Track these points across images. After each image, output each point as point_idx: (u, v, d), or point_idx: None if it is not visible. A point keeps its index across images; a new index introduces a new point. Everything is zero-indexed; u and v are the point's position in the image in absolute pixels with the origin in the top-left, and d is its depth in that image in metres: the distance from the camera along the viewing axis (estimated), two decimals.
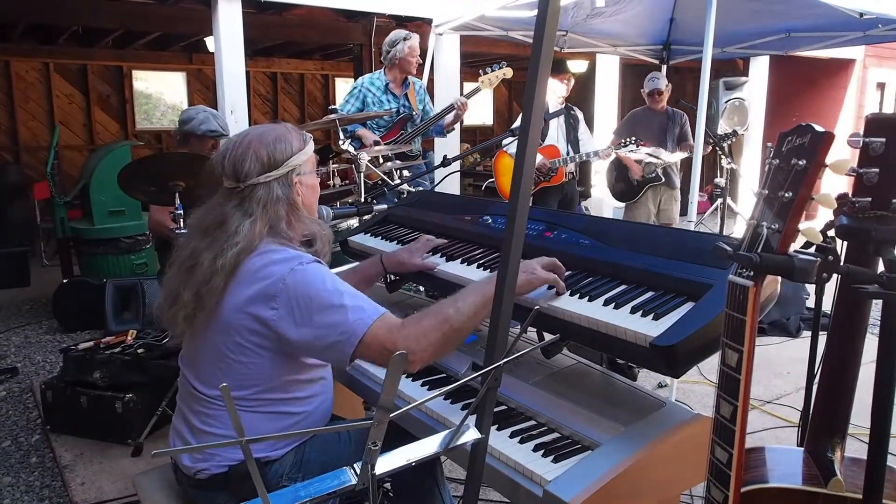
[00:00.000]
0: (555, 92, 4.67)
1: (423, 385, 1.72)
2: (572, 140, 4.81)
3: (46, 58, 8.51)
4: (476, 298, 1.48)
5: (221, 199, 1.54)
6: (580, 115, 4.90)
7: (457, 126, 4.61)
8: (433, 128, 4.45)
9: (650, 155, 4.88)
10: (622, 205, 5.49)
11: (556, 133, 4.75)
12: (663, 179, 5.16)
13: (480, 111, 12.55)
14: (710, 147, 5.36)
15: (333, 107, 4.01)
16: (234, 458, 1.51)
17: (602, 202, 7.19)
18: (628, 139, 4.64)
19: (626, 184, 5.25)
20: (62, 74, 8.72)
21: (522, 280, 1.50)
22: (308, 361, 1.55)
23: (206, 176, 1.58)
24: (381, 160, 3.76)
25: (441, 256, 1.99)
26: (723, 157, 5.72)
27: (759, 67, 8.27)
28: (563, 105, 4.77)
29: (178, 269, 1.52)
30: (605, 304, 1.48)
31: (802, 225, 0.91)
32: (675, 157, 5.09)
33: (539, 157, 4.62)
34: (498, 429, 1.46)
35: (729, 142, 5.53)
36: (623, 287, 1.54)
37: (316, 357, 1.53)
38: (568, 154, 4.72)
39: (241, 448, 0.84)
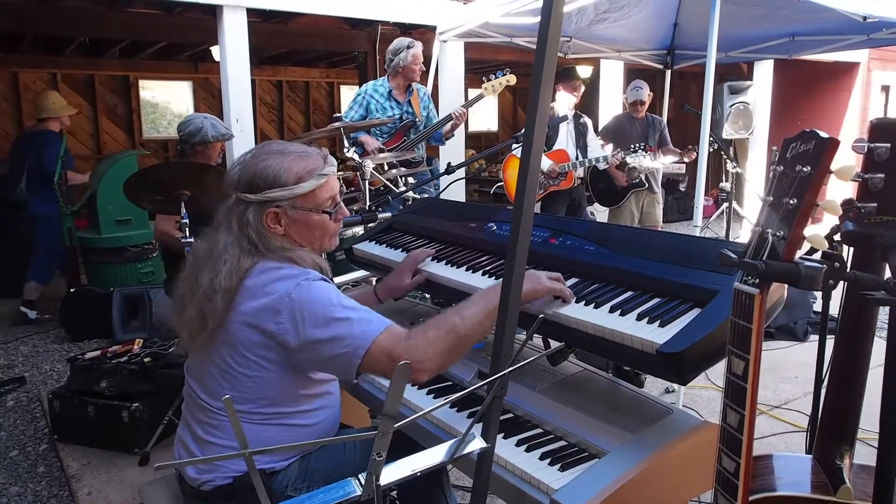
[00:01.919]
0: (566, 102, 4.72)
1: (428, 393, 1.72)
2: (581, 146, 4.85)
3: (54, 68, 8.57)
4: (481, 307, 1.47)
5: (226, 203, 1.55)
6: (589, 122, 4.96)
7: (456, 133, 4.64)
8: (433, 135, 4.48)
9: (642, 159, 4.92)
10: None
11: (565, 138, 4.79)
12: (647, 185, 5.21)
13: (485, 117, 12.55)
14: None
15: (338, 114, 4.02)
16: (238, 470, 1.51)
17: (601, 208, 7.18)
18: (637, 145, 4.66)
19: (609, 189, 5.32)
20: (69, 84, 8.78)
21: (527, 289, 1.49)
22: (315, 376, 1.54)
23: (212, 185, 1.59)
24: (385, 167, 3.77)
25: (446, 264, 1.99)
26: (728, 161, 5.73)
27: (764, 71, 8.25)
28: (573, 112, 4.80)
29: (186, 279, 1.53)
30: (611, 310, 1.47)
31: (808, 231, 0.90)
32: (666, 159, 5.16)
33: (549, 162, 4.64)
34: (504, 437, 1.46)
35: (728, 146, 5.58)
36: (629, 293, 1.53)
37: (322, 370, 1.53)
38: (577, 159, 4.76)
39: (245, 460, 0.84)
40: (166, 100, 9.89)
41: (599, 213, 6.24)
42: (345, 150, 3.48)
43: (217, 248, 1.48)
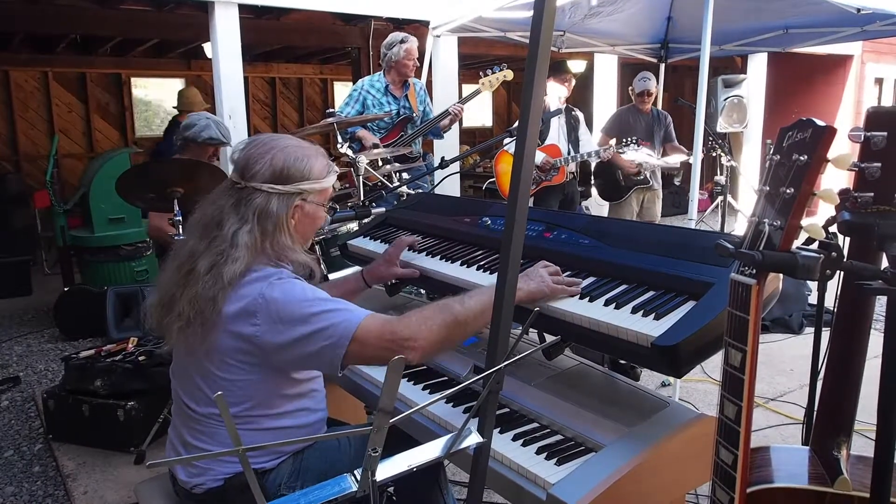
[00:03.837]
0: (556, 94, 4.69)
1: (424, 389, 1.71)
2: (573, 140, 4.84)
3: (45, 66, 8.50)
4: (484, 297, 1.45)
5: (221, 193, 1.50)
6: (581, 116, 4.94)
7: (453, 127, 4.63)
8: (431, 130, 4.48)
9: (648, 155, 4.89)
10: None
11: (557, 133, 4.78)
12: (651, 182, 5.19)
13: (479, 112, 12.53)
14: (705, 151, 5.38)
15: (331, 110, 4.00)
16: (229, 471, 1.49)
17: (602, 202, 7.18)
18: (629, 139, 4.65)
19: (613, 184, 5.28)
20: (61, 83, 8.72)
21: (533, 289, 1.50)
22: (297, 375, 1.51)
23: (205, 183, 1.57)
24: (379, 163, 3.75)
25: (441, 258, 1.98)
26: (722, 154, 5.73)
27: (758, 64, 8.26)
28: (564, 106, 4.79)
29: (175, 271, 1.47)
30: (606, 304, 1.47)
31: (804, 221, 0.90)
32: (672, 160, 5.11)
33: (542, 155, 4.63)
34: (500, 432, 1.45)
35: (725, 146, 5.58)
36: (624, 287, 1.53)
37: (306, 367, 1.49)
38: (569, 154, 4.74)
39: (239, 457, 0.83)
40: (159, 97, 9.83)
41: (596, 209, 6.25)
42: (338, 145, 3.46)
43: (222, 235, 1.42)
